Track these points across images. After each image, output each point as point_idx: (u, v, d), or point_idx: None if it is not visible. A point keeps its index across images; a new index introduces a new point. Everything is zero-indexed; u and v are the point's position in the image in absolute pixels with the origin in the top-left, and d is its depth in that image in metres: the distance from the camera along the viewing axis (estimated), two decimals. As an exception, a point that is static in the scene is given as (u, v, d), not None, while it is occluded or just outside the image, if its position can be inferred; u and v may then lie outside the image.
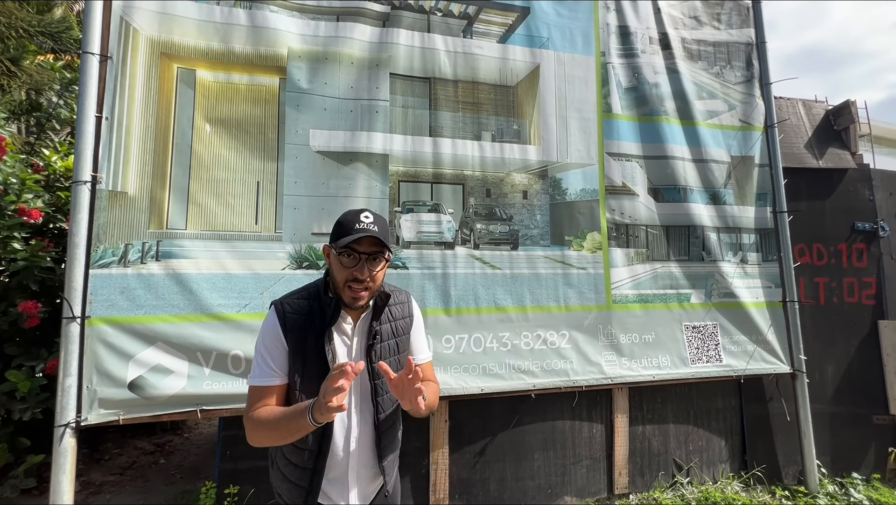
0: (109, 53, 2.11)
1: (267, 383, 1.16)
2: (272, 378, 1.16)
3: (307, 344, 1.17)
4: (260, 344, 1.19)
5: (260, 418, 1.11)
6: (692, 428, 2.86)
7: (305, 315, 1.19)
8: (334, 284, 1.20)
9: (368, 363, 1.22)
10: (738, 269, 2.96)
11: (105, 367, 1.96)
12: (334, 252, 1.17)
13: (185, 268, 2.12)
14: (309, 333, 1.17)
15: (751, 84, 3.14)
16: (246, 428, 1.15)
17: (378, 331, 1.25)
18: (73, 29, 3.84)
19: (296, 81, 2.38)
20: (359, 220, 1.16)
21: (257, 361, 1.18)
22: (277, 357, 1.17)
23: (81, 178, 1.99)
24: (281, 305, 1.20)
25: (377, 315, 1.25)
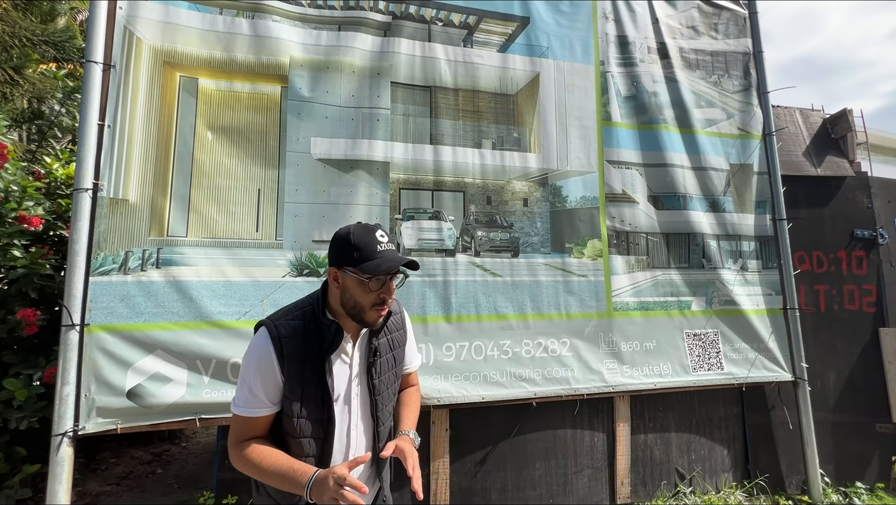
0: (112, 62, 2.12)
1: (254, 414, 1.09)
2: (260, 409, 1.09)
3: (305, 369, 1.11)
4: (249, 370, 1.10)
5: (251, 461, 1.07)
6: (694, 437, 2.84)
7: (301, 338, 1.12)
8: (354, 307, 1.12)
9: (369, 380, 1.20)
10: (739, 276, 2.96)
11: (104, 375, 1.95)
12: (356, 276, 1.09)
13: (186, 275, 2.12)
14: (307, 358, 1.11)
15: (748, 93, 3.17)
16: (231, 455, 1.11)
17: (378, 347, 1.23)
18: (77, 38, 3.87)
19: (297, 90, 2.40)
20: (377, 240, 1.11)
21: (244, 389, 1.09)
22: (269, 387, 1.09)
23: (83, 186, 1.99)
24: (275, 329, 1.10)
25: (377, 331, 1.22)
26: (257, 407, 1.10)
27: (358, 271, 1.09)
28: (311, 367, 1.12)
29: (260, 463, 1.07)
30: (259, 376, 1.09)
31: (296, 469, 1.05)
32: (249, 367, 1.10)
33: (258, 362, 1.10)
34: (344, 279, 1.13)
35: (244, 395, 1.09)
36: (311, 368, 1.12)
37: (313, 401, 1.12)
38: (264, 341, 1.10)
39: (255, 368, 1.09)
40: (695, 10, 3.16)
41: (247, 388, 1.09)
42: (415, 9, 2.63)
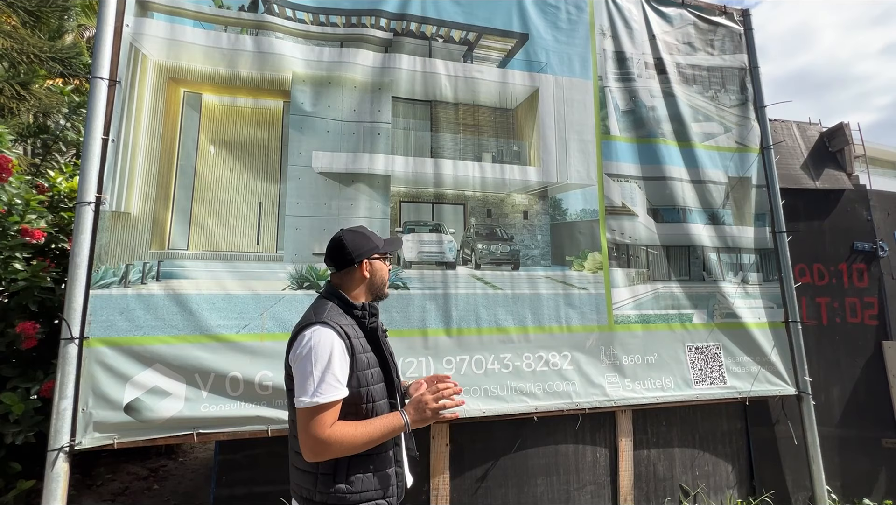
0: (118, 78, 2.16)
1: (339, 396, 1.21)
2: (343, 391, 1.22)
3: (364, 348, 1.30)
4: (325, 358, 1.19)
5: (347, 433, 1.18)
6: (698, 452, 2.80)
7: (350, 326, 1.30)
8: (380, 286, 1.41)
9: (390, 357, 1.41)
10: (740, 289, 2.96)
11: (101, 389, 1.93)
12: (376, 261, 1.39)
13: (186, 288, 2.12)
14: (358, 338, 1.30)
15: (745, 107, 3.20)
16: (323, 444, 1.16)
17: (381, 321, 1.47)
18: (83, 54, 3.94)
19: (300, 105, 2.43)
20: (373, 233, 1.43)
21: (328, 377, 1.18)
22: (345, 371, 1.24)
23: (86, 199, 2.01)
24: (338, 326, 1.26)
25: None
26: (341, 391, 1.21)
27: (382, 255, 1.41)
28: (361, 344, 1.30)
29: (355, 431, 1.19)
30: (340, 362, 1.22)
31: (387, 418, 1.26)
32: (324, 355, 1.20)
33: (338, 349, 1.22)
34: (373, 266, 1.39)
35: (329, 383, 1.18)
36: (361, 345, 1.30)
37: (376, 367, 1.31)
38: (334, 333, 1.24)
39: (335, 354, 1.21)
40: (691, 26, 3.21)
41: (330, 375, 1.19)
42: (416, 26, 2.68)
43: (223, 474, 2.26)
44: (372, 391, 1.28)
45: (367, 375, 1.28)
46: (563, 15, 2.94)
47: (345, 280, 1.37)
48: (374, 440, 1.22)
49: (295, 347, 1.24)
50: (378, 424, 1.23)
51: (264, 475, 2.24)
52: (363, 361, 1.28)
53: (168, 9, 2.30)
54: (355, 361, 1.26)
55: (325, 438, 1.16)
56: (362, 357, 1.29)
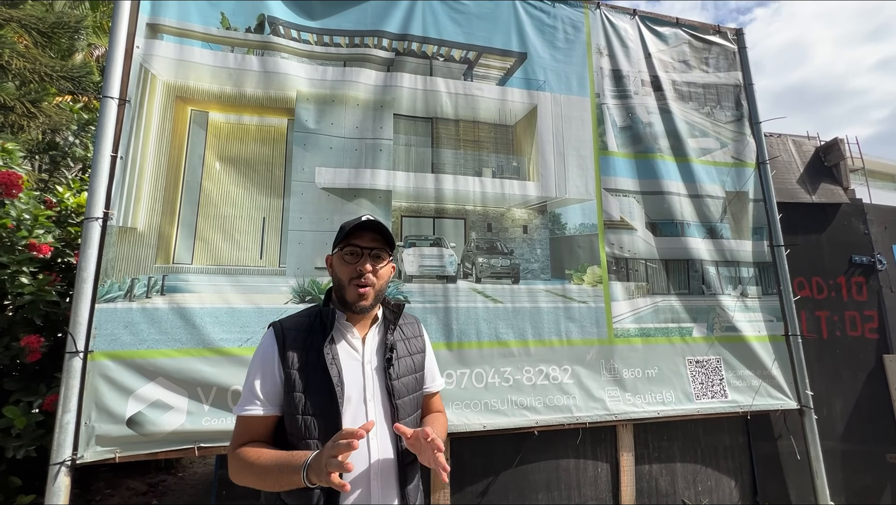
0: (128, 97, 2.22)
1: (251, 413, 1.05)
2: (257, 408, 1.06)
3: (309, 362, 1.08)
4: (251, 368, 1.10)
5: (247, 460, 1.02)
6: (700, 467, 2.78)
7: (306, 331, 1.13)
8: (338, 288, 1.17)
9: (387, 381, 1.14)
10: (739, 302, 2.97)
11: (105, 402, 1.95)
12: (337, 253, 1.17)
13: (189, 302, 2.15)
14: (311, 349, 1.10)
15: (741, 123, 3.26)
16: (230, 465, 1.07)
17: (394, 344, 1.19)
18: (94, 73, 4.05)
19: (303, 122, 2.49)
20: (358, 219, 1.17)
21: (245, 389, 1.09)
22: (268, 384, 1.07)
23: (93, 215, 2.05)
24: (279, 324, 1.14)
25: (390, 328, 1.21)
26: (255, 405, 1.06)
27: (337, 248, 1.17)
28: (314, 358, 1.09)
29: (257, 461, 1.00)
30: (259, 372, 1.08)
31: (291, 458, 0.98)
32: (252, 364, 1.10)
33: (261, 357, 1.10)
34: (333, 263, 1.19)
35: (244, 394, 1.08)
36: (314, 360, 1.09)
37: (318, 393, 1.06)
38: (269, 336, 1.12)
39: (257, 363, 1.09)
40: (685, 45, 3.29)
41: (248, 387, 1.08)
42: (417, 45, 2.75)
43: (223, 489, 2.25)
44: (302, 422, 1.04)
45: (297, 400, 1.05)
46: (561, 35, 3.01)
47: None
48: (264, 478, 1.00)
49: None
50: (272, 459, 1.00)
51: (264, 490, 2.23)
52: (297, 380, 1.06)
53: (177, 31, 2.38)
54: (285, 377, 1.06)
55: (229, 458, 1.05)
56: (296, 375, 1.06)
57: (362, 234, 1.15)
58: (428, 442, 1.01)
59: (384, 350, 1.18)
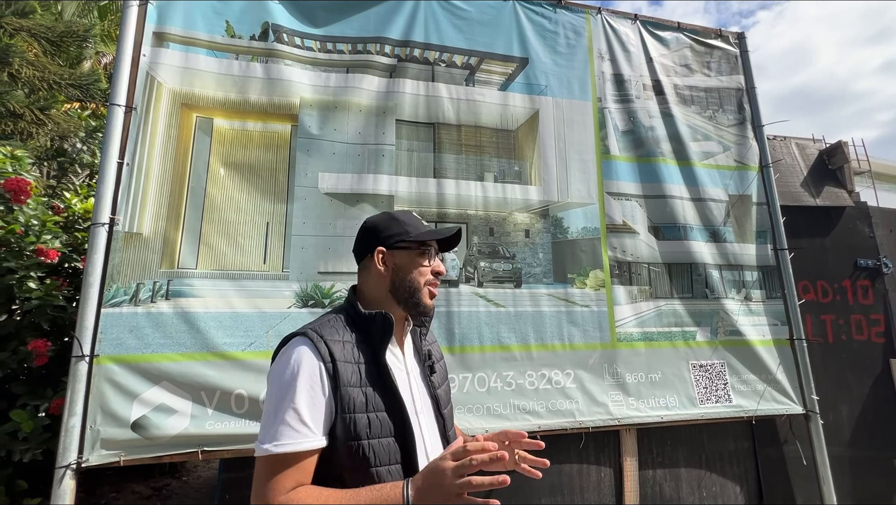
0: (134, 105, 2.25)
1: (307, 447, 0.84)
2: (312, 441, 0.85)
3: (363, 374, 0.92)
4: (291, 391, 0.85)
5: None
6: (705, 473, 2.76)
7: (351, 341, 0.94)
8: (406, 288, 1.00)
9: (431, 390, 1.06)
10: (743, 306, 2.96)
11: (110, 406, 1.97)
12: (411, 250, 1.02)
13: (194, 306, 2.17)
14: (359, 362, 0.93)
15: (744, 126, 3.25)
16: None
17: (430, 350, 1.11)
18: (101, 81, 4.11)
19: (307, 128, 2.51)
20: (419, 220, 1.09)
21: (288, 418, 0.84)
22: (320, 409, 0.86)
23: (100, 220, 2.08)
24: (318, 334, 0.91)
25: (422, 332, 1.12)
26: (309, 438, 0.84)
27: (415, 243, 1.02)
28: (368, 370, 0.93)
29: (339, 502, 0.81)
30: (307, 395, 0.85)
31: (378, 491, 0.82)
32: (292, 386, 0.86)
33: (308, 377, 0.86)
34: (395, 259, 1.02)
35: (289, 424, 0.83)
36: (369, 372, 0.93)
37: (382, 412, 0.91)
38: (308, 351, 0.89)
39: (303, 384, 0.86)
40: (687, 49, 3.29)
41: (291, 415, 0.84)
42: (419, 51, 2.77)
43: (226, 493, 2.26)
44: (368, 449, 0.88)
45: (359, 422, 0.88)
46: (562, 40, 3.03)
47: (362, 279, 1.07)
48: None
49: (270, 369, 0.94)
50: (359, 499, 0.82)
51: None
52: (356, 399, 0.89)
53: (183, 39, 2.41)
54: (339, 397, 0.88)
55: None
56: (354, 393, 0.89)
57: None
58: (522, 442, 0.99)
59: (421, 357, 1.09)
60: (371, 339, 0.96)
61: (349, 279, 2.41)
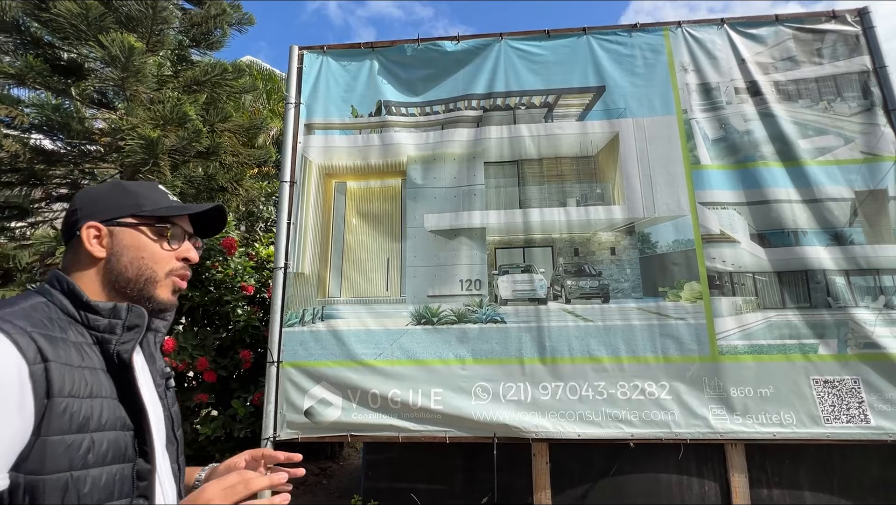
0: (295, 179, 3.13)
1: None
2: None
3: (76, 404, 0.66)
4: None
5: None
6: (837, 499, 2.51)
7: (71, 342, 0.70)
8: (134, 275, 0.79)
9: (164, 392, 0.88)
10: (882, 315, 2.62)
11: (291, 398, 2.77)
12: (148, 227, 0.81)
13: (339, 326, 2.89)
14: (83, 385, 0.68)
15: (871, 112, 2.89)
16: None
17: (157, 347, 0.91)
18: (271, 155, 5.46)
19: (413, 180, 3.12)
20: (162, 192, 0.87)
21: None
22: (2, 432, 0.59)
23: (278, 266, 2.95)
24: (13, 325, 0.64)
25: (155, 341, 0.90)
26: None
27: (149, 219, 0.81)
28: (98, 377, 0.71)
29: None
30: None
31: None
32: None
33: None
34: (120, 237, 0.80)
35: None
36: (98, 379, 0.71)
37: (111, 430, 0.70)
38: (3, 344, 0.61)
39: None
40: (790, 41, 3.07)
41: None
42: (501, 100, 3.19)
43: (369, 470, 2.91)
44: (85, 482, 0.64)
45: (72, 446, 0.64)
46: (640, 61, 3.14)
47: (70, 264, 0.80)
48: None
49: None
50: None
51: (398, 473, 2.82)
52: (74, 413, 0.65)
53: (323, 125, 3.25)
54: (50, 412, 0.62)
55: None
56: (73, 406, 0.65)
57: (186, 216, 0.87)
58: None
59: (157, 367, 0.88)
60: (103, 337, 0.74)
61: (453, 301, 2.91)
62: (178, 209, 0.84)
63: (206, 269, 3.64)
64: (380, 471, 2.86)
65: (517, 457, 2.68)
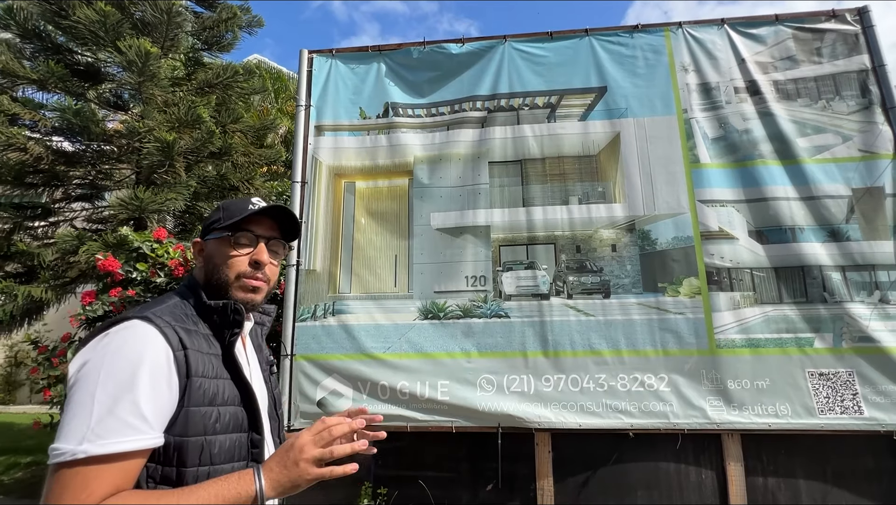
0: (305, 180, 3.24)
1: (139, 446, 0.72)
2: (148, 438, 0.73)
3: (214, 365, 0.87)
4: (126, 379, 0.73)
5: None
6: (830, 487, 2.59)
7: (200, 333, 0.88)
8: (215, 279, 0.93)
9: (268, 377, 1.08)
10: (877, 310, 2.69)
11: (303, 389, 2.90)
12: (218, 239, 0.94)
13: (350, 321, 3.01)
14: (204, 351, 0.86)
15: (870, 111, 2.94)
16: None
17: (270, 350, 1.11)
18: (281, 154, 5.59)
19: (420, 179, 3.22)
20: (250, 202, 0.97)
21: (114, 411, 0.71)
22: (162, 401, 0.76)
23: (291, 263, 3.07)
24: (163, 320, 0.82)
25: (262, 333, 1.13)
26: (147, 435, 0.73)
27: (225, 230, 0.93)
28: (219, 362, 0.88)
29: None
30: (149, 385, 0.74)
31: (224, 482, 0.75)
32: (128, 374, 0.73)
33: (152, 365, 0.76)
34: (209, 248, 0.96)
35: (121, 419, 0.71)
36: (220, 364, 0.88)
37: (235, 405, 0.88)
38: (153, 335, 0.78)
39: (145, 373, 0.74)
40: (790, 40, 3.12)
41: (127, 407, 0.71)
42: (505, 101, 3.28)
43: (379, 459, 3.04)
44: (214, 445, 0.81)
45: (206, 416, 0.81)
46: (641, 62, 3.21)
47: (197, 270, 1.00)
48: None
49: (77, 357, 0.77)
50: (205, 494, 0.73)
51: (407, 462, 2.94)
52: (206, 390, 0.82)
53: (333, 127, 3.36)
54: (189, 389, 0.79)
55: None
56: (206, 385, 0.82)
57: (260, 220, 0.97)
58: None
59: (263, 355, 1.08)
60: (218, 329, 0.91)
61: (458, 296, 3.02)
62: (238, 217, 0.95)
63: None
64: (389, 459, 2.99)
65: (521, 446, 2.79)
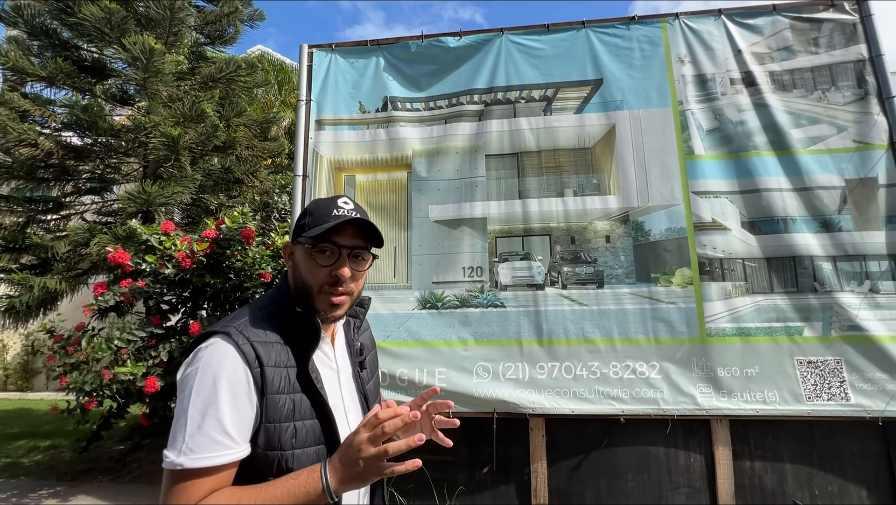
0: (307, 173, 3.32)
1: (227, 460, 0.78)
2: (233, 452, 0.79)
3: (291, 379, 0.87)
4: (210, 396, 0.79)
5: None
6: (816, 471, 2.67)
7: (278, 342, 0.89)
8: (300, 286, 0.93)
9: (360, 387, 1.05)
10: (866, 299, 2.73)
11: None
12: (303, 248, 0.92)
13: (351, 310, 3.11)
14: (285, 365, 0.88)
15: (865, 101, 2.95)
16: None
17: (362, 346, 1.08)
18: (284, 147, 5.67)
19: (418, 173, 3.29)
20: (336, 205, 0.95)
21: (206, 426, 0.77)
22: (244, 417, 0.81)
23: (294, 255, 3.17)
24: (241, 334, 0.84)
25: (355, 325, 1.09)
26: (232, 450, 0.79)
27: (302, 241, 0.92)
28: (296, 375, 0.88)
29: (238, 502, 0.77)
30: (230, 402, 0.79)
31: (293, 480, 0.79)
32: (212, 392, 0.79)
33: (231, 382, 0.80)
34: (297, 254, 0.96)
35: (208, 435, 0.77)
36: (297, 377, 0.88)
37: (311, 418, 0.88)
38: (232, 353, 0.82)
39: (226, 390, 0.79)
40: (787, 30, 3.12)
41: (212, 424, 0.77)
42: (502, 94, 3.32)
43: (380, 443, 3.16)
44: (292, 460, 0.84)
45: (285, 432, 0.84)
46: (637, 53, 3.22)
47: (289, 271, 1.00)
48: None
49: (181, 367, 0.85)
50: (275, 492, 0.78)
51: (406, 445, 3.06)
52: (283, 407, 0.85)
53: (333, 121, 3.42)
54: (265, 405, 0.83)
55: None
56: (281, 401, 0.85)
57: (343, 228, 0.93)
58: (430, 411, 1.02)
59: (352, 351, 1.06)
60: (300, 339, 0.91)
61: (456, 287, 3.10)
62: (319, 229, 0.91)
63: (226, 257, 3.88)
64: (389, 443, 3.10)
65: (516, 431, 2.89)
